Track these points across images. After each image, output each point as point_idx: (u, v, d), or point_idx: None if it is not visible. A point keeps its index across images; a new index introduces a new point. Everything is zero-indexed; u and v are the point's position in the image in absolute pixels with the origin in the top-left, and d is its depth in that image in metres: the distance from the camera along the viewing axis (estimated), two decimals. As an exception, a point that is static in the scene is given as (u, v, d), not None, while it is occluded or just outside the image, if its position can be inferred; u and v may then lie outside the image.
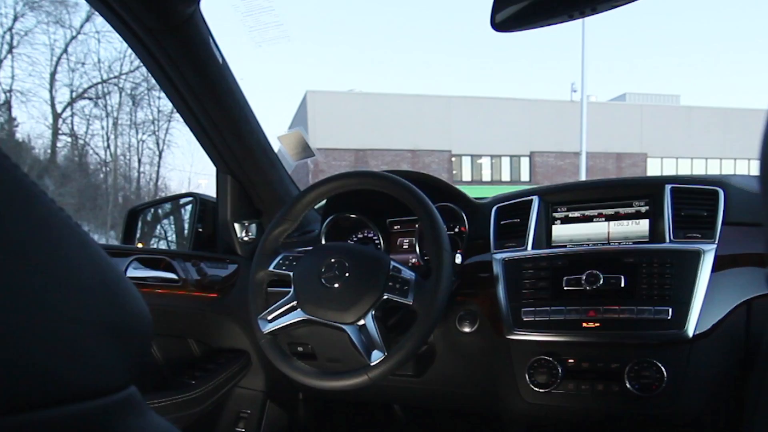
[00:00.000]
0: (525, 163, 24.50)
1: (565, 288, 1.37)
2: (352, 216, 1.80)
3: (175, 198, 2.27)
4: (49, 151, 17.07)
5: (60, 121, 17.42)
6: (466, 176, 23.24)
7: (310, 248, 1.48)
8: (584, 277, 1.35)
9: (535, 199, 1.52)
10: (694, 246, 1.30)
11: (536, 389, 1.37)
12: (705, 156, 24.73)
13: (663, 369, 1.26)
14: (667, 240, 1.33)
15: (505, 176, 24.22)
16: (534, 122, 23.92)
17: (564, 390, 1.35)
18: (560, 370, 1.34)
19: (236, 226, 1.90)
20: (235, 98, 1.68)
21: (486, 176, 23.97)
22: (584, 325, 1.33)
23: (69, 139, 18.25)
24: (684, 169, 24.24)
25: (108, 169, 18.86)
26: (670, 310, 1.26)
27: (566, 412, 1.39)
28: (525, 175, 24.12)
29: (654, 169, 24.59)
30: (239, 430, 1.88)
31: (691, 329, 1.24)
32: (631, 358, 1.29)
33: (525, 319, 1.39)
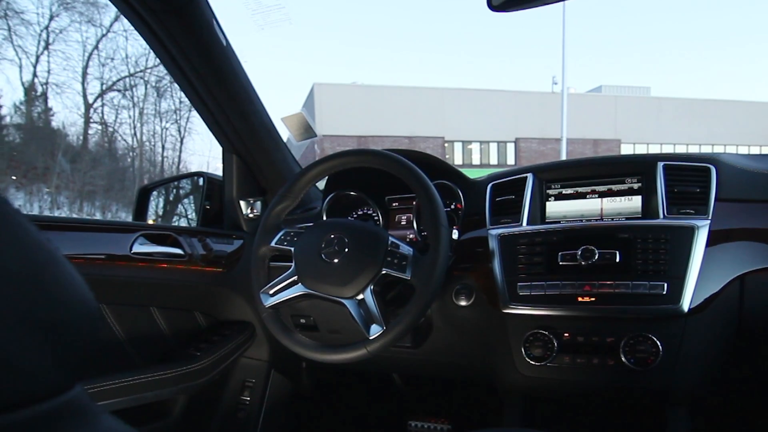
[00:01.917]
0: (511, 148, 24.38)
1: (561, 263, 1.25)
2: (352, 193, 1.69)
3: (185, 177, 2.13)
4: (81, 137, 17.13)
5: (91, 110, 17.45)
6: (458, 160, 23.09)
7: (311, 224, 1.37)
8: (579, 253, 1.23)
9: (530, 177, 1.40)
10: (688, 222, 1.18)
11: (532, 362, 1.26)
12: (673, 142, 24.59)
13: (658, 343, 1.15)
14: (661, 216, 1.21)
15: (493, 160, 24.12)
16: (519, 111, 23.81)
17: (559, 363, 1.24)
18: (555, 344, 1.24)
19: (242, 203, 1.79)
20: (239, 80, 1.56)
21: (476, 160, 23.85)
22: (579, 299, 1.21)
23: (99, 127, 18.35)
24: (654, 154, 24.05)
25: (134, 154, 18.91)
26: (665, 285, 1.15)
27: (562, 385, 1.28)
28: (511, 159, 24.01)
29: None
30: (244, 398, 1.78)
31: (686, 304, 1.13)
32: (627, 332, 1.18)
33: (521, 294, 1.28)
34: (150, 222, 2.01)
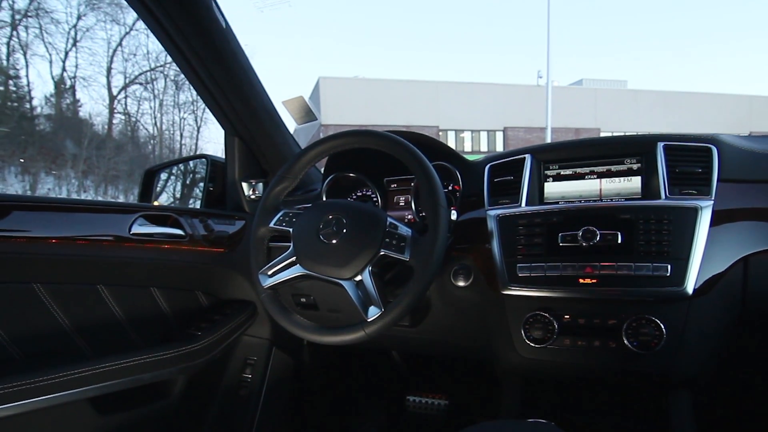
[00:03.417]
0: (500, 136, 24.17)
1: (561, 244, 1.12)
2: (352, 175, 1.55)
3: (189, 159, 1.99)
4: (106, 126, 17.09)
5: (115, 102, 17.39)
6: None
7: (310, 205, 1.24)
8: (580, 234, 1.09)
9: (528, 157, 1.26)
10: (691, 202, 1.04)
11: (531, 344, 1.13)
12: (648, 131, 24.39)
13: (662, 326, 1.02)
14: (663, 197, 1.08)
15: (483, 147, 23.93)
16: (507, 103, 23.57)
17: (560, 345, 1.11)
18: (556, 326, 1.10)
19: (244, 185, 1.65)
20: (240, 62, 1.42)
21: (468, 147, 23.64)
22: (581, 281, 1.08)
23: (123, 117, 18.30)
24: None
25: (155, 141, 18.86)
26: (669, 266, 1.01)
27: (562, 367, 1.15)
28: (500, 147, 23.78)
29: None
30: (246, 375, 1.65)
31: (690, 286, 1.00)
32: (629, 314, 1.05)
33: (520, 275, 1.14)
34: (155, 204, 1.88)
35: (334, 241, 1.11)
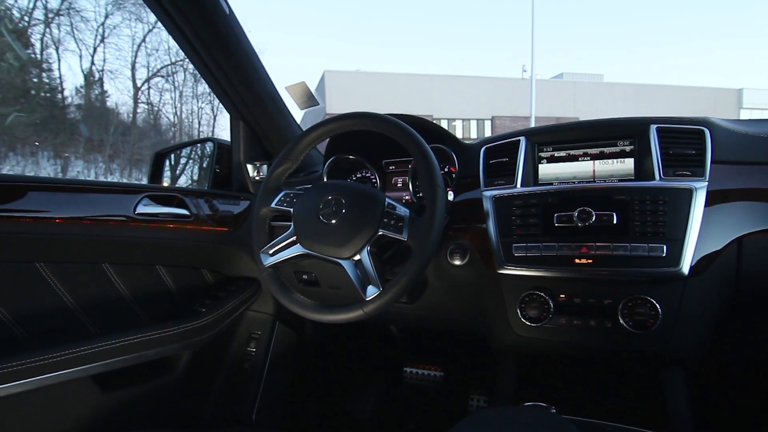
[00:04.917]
0: (488, 125, 24.09)
1: (557, 225, 1.02)
2: (351, 157, 1.45)
3: (196, 142, 1.86)
4: (131, 115, 16.98)
5: (139, 93, 17.27)
6: (444, 135, 22.75)
7: (310, 186, 1.14)
8: (576, 214, 0.99)
9: (522, 140, 1.16)
10: (686, 183, 0.95)
11: (527, 323, 1.03)
12: (622, 120, 24.18)
13: (658, 306, 0.92)
14: (657, 178, 0.98)
15: (473, 135, 23.82)
16: (495, 94, 23.46)
17: (555, 325, 1.02)
18: (552, 305, 1.01)
19: (249, 166, 1.55)
20: (243, 48, 1.31)
21: (459, 135, 23.43)
22: (576, 261, 0.98)
23: (146, 107, 18.18)
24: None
25: (175, 129, 18.72)
26: (665, 247, 0.92)
27: (557, 346, 1.06)
28: (488, 134, 23.68)
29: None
30: (250, 349, 1.56)
31: (686, 266, 0.91)
32: (624, 294, 0.95)
33: (516, 255, 1.05)
34: (165, 185, 1.77)
35: (333, 221, 1.01)
